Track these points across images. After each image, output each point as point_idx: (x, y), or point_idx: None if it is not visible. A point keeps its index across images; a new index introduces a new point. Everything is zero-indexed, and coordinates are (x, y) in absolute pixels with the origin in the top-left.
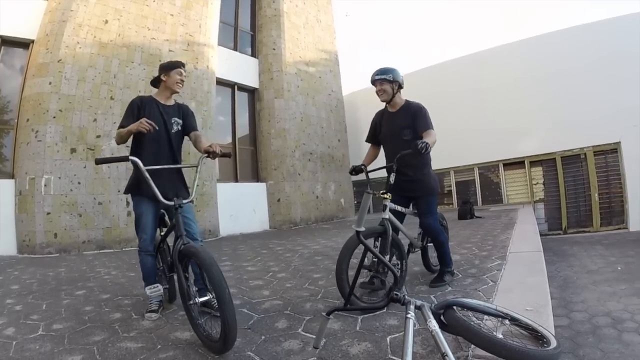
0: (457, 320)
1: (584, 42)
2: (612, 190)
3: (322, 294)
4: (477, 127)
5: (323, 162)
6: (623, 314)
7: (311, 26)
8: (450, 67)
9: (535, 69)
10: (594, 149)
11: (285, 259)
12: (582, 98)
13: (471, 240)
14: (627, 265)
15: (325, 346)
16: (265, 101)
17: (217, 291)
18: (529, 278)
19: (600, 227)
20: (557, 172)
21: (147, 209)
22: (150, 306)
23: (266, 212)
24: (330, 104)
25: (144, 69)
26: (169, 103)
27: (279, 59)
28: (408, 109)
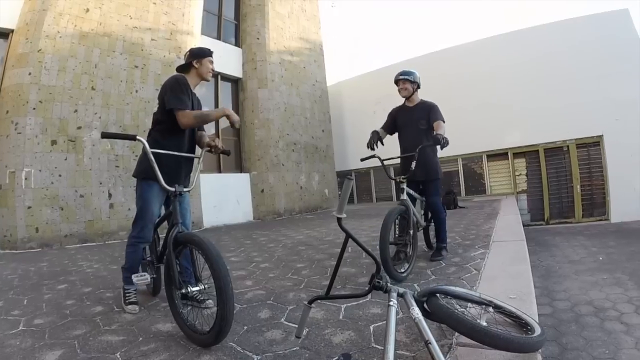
0: (441, 308)
1: (569, 36)
2: (594, 182)
3: (305, 284)
4: (461, 119)
5: (307, 152)
6: (605, 302)
7: (296, 16)
8: (434, 59)
9: (519, 62)
10: (576, 141)
11: (269, 250)
12: (566, 92)
13: (454, 229)
14: (609, 256)
15: (308, 335)
16: (249, 91)
17: (220, 285)
18: (512, 267)
19: (582, 218)
20: (540, 163)
21: (156, 196)
22: (128, 297)
23: (250, 202)
24: (315, 94)
25: (126, 58)
26: (195, 91)
27: (263, 48)
28: (424, 105)
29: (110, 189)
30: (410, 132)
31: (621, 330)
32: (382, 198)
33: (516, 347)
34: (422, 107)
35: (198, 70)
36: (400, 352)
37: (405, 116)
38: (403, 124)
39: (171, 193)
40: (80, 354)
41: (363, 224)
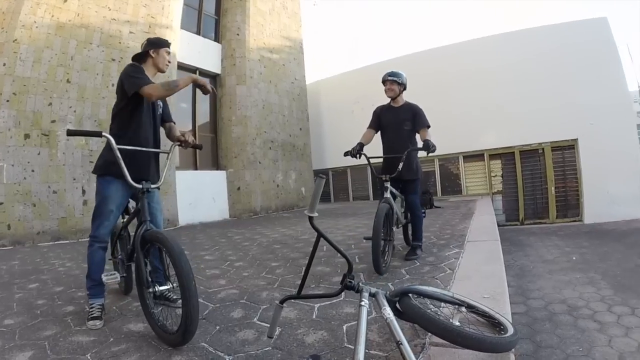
0: (413, 308)
1: (548, 42)
2: (568, 184)
3: (279, 283)
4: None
5: (284, 150)
6: (578, 301)
7: (277, 13)
8: (413, 60)
9: (498, 66)
10: (552, 144)
11: (244, 248)
12: (543, 96)
13: (430, 229)
14: (582, 256)
15: (280, 335)
16: (227, 87)
17: (183, 283)
18: (486, 266)
19: (556, 219)
20: (516, 165)
21: (115, 193)
22: (92, 312)
23: (226, 200)
24: (293, 92)
25: (103, 50)
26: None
27: (242, 44)
28: (410, 106)
29: (84, 185)
30: (395, 132)
31: (594, 328)
32: (358, 197)
33: (489, 347)
34: (408, 108)
35: (154, 60)
36: (373, 352)
37: (390, 116)
38: (388, 124)
39: (138, 190)
40: (50, 355)
41: (339, 223)
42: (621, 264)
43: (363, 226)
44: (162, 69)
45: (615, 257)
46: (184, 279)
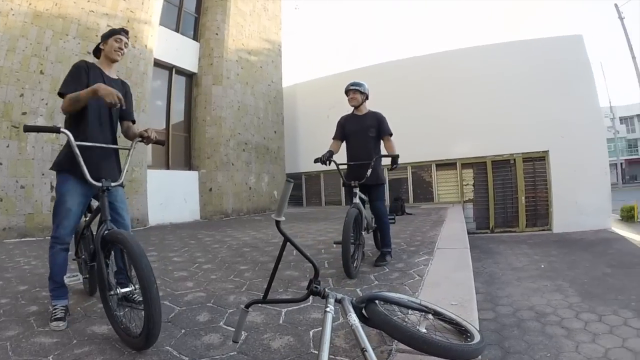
0: (378, 315)
1: (524, 56)
2: (538, 194)
3: (247, 286)
4: (413, 129)
5: (258, 153)
6: (546, 308)
7: (257, 14)
8: (390, 68)
9: (473, 77)
10: (523, 155)
11: (213, 250)
12: (517, 108)
13: (400, 235)
14: (550, 264)
15: (246, 340)
16: (203, 87)
17: (144, 285)
18: (455, 273)
19: (526, 227)
20: (487, 175)
21: (74, 191)
22: (55, 313)
23: (197, 201)
24: (269, 94)
25: (79, 43)
26: (112, 75)
27: (221, 44)
28: (373, 114)
29: (52, 181)
30: (360, 139)
31: (562, 334)
32: (331, 202)
33: (454, 354)
34: (372, 116)
35: (105, 52)
36: (339, 358)
37: (354, 124)
38: (352, 132)
39: (98, 188)
40: (12, 356)
41: (310, 228)
42: (589, 272)
43: (334, 231)
44: (113, 57)
45: (582, 265)
46: (145, 281)
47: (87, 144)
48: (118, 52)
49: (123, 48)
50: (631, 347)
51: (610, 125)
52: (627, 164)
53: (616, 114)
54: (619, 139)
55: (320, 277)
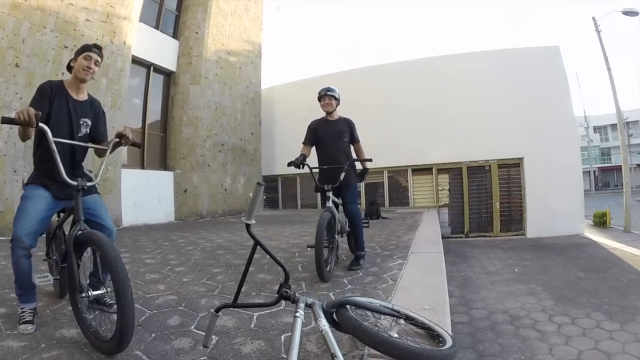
0: (349, 320)
1: (501, 65)
2: (513, 200)
3: (220, 290)
4: (389, 134)
5: (234, 154)
6: (520, 311)
7: (239, 14)
8: (367, 74)
9: (450, 84)
10: (498, 162)
11: (186, 252)
12: (492, 115)
13: (375, 239)
14: (524, 268)
15: (217, 345)
16: (181, 86)
17: (119, 289)
18: (429, 278)
19: (500, 232)
20: (463, 180)
21: (39, 197)
22: (23, 316)
23: (172, 202)
24: (247, 96)
25: (56, 36)
26: (80, 97)
27: (200, 43)
28: (345, 119)
29: (24, 179)
30: (332, 144)
31: (536, 337)
32: (307, 205)
33: (425, 359)
34: (344, 121)
35: (74, 70)
36: None
37: (327, 129)
38: (325, 136)
39: (73, 187)
40: None
41: (285, 231)
42: (562, 276)
43: (309, 234)
44: (81, 77)
45: (556, 269)
46: (120, 285)
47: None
48: (87, 71)
49: (92, 67)
50: (604, 349)
51: (584, 134)
52: (600, 171)
53: (590, 123)
54: (593, 148)
55: (293, 280)
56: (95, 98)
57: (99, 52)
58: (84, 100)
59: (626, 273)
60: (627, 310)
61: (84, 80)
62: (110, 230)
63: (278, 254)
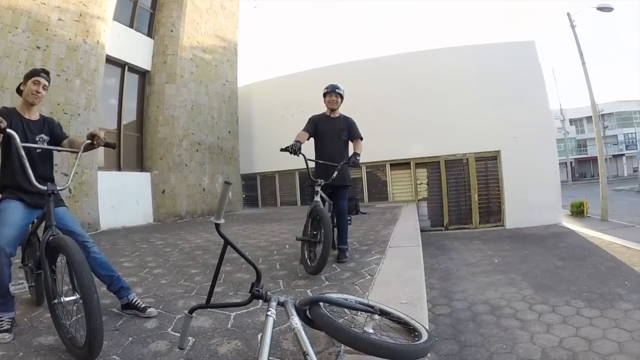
0: (322, 317)
1: (477, 60)
2: (491, 192)
3: (197, 291)
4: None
5: (212, 153)
6: (500, 301)
7: (214, 12)
8: (344, 69)
9: (427, 79)
10: (475, 155)
11: (165, 254)
12: (469, 110)
13: (354, 235)
14: (503, 258)
15: (193, 346)
16: (156, 85)
17: (84, 295)
18: (406, 272)
19: (479, 224)
20: (441, 174)
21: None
22: (1, 325)
23: (150, 204)
24: (224, 94)
25: (28, 37)
26: (34, 117)
27: (175, 41)
28: (345, 118)
29: None
30: (332, 141)
31: (517, 326)
32: (286, 202)
33: (400, 354)
34: (344, 119)
35: (23, 94)
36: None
37: (328, 126)
38: (325, 133)
39: (43, 192)
40: None
41: (264, 229)
42: (541, 266)
43: (288, 232)
44: (30, 101)
45: (535, 259)
46: (85, 290)
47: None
48: (36, 95)
49: (41, 91)
50: (584, 335)
51: (560, 127)
52: (577, 162)
53: (566, 116)
54: (569, 140)
55: (271, 279)
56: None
57: (46, 77)
58: (37, 120)
59: (604, 261)
60: (606, 297)
61: (34, 104)
62: (82, 235)
63: (256, 252)
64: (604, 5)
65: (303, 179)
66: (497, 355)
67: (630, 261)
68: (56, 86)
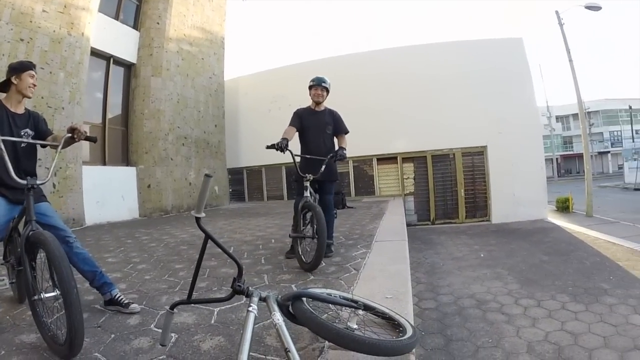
0: (304, 312)
1: (465, 56)
2: (477, 187)
3: (181, 286)
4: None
5: (198, 147)
6: (486, 295)
7: (201, 4)
8: (331, 63)
9: (414, 74)
10: (462, 150)
11: (149, 249)
12: (456, 105)
13: (339, 229)
14: (489, 253)
15: (176, 342)
16: (142, 78)
17: (64, 291)
18: (392, 266)
19: (466, 219)
20: (427, 168)
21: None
22: None
23: (136, 198)
24: (210, 87)
25: (12, 29)
26: (19, 111)
27: (161, 34)
28: (330, 111)
29: None
30: (317, 135)
31: (502, 320)
32: (272, 197)
33: (384, 350)
34: (329, 113)
35: (17, 87)
36: (270, 358)
37: (313, 120)
38: (309, 126)
39: (23, 186)
40: None
41: (250, 223)
42: (526, 260)
43: (274, 226)
44: (27, 94)
45: (520, 253)
46: (64, 285)
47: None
48: (32, 88)
49: (35, 84)
50: (570, 329)
51: (547, 123)
52: (563, 158)
53: (553, 112)
54: (555, 136)
55: (255, 273)
56: (33, 111)
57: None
58: (22, 113)
59: (589, 256)
60: (591, 292)
61: (29, 97)
62: (65, 230)
63: (242, 247)
64: (592, 4)
65: (290, 173)
66: (483, 349)
67: (615, 256)
68: (40, 79)
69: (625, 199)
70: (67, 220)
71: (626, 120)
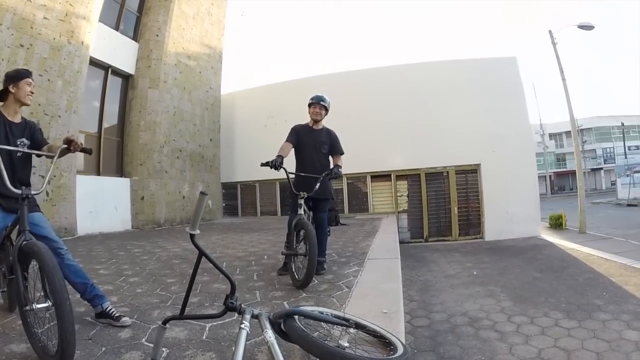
0: (296, 330)
1: (459, 75)
2: (471, 204)
3: (173, 300)
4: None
5: (192, 160)
6: (479, 313)
7: (201, 18)
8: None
9: (409, 92)
10: (456, 168)
11: (142, 262)
12: (450, 123)
13: (332, 246)
14: (482, 270)
15: (167, 357)
16: (139, 90)
17: (56, 302)
18: (384, 284)
19: (459, 236)
20: (421, 186)
21: None
22: None
23: (129, 210)
24: (207, 101)
25: (12, 34)
26: (16, 120)
27: (160, 46)
28: (328, 131)
29: None
30: (313, 153)
31: (495, 337)
32: (266, 212)
33: None
34: (326, 132)
35: (15, 95)
36: None
37: (310, 138)
38: (306, 144)
39: (18, 195)
40: None
41: (243, 239)
42: (519, 277)
43: (267, 242)
44: (25, 102)
45: (514, 271)
46: (57, 296)
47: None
48: (30, 96)
49: (34, 91)
50: (563, 346)
51: (540, 141)
52: (556, 176)
53: (546, 130)
54: (549, 154)
55: (247, 290)
56: (30, 120)
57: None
58: (19, 123)
59: (582, 272)
60: (584, 308)
61: (28, 104)
62: (57, 241)
63: (234, 262)
64: (585, 24)
65: (283, 189)
66: None
67: (608, 272)
68: (38, 86)
69: (618, 214)
70: (59, 230)
71: (619, 137)
